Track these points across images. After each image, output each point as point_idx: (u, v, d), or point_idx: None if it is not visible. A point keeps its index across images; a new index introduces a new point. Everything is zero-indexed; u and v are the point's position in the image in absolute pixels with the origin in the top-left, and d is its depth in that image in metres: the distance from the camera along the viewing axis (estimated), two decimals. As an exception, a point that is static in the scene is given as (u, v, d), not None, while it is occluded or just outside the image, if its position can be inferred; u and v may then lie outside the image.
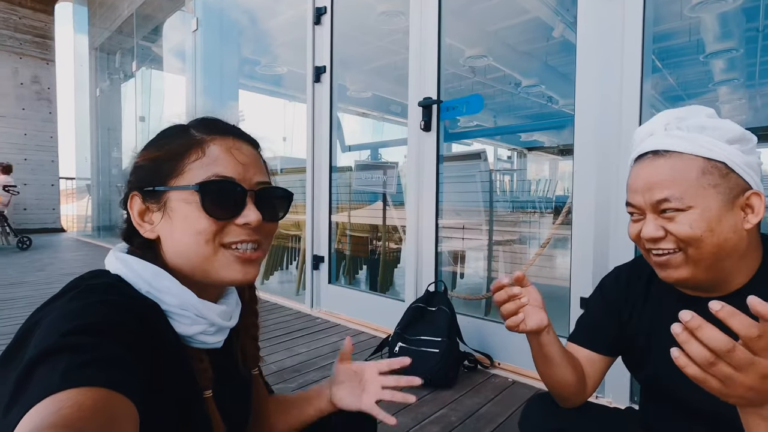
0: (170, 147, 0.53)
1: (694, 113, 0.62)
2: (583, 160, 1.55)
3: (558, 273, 2.86)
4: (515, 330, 0.67)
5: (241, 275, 0.53)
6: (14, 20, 7.69)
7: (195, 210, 0.50)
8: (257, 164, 0.56)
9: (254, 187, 0.54)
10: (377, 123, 7.58)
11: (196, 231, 0.50)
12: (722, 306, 0.40)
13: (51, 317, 0.40)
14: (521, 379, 1.68)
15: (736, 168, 0.58)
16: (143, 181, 0.53)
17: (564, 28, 4.43)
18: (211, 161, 0.52)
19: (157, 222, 0.52)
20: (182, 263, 0.52)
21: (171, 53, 5.65)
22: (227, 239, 0.52)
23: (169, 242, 0.52)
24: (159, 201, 0.52)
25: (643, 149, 0.63)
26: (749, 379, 0.41)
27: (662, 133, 0.62)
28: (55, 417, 0.30)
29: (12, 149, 7.57)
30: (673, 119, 0.62)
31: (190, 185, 0.50)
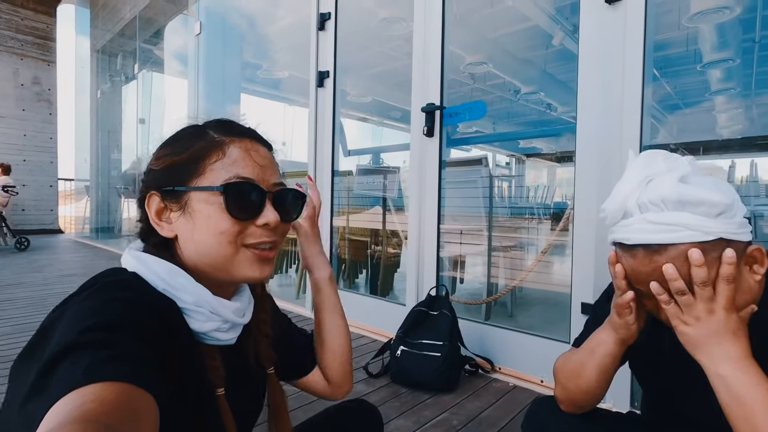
0: (190, 147, 0.54)
1: (665, 183, 0.57)
2: (585, 166, 1.57)
3: (557, 279, 2.88)
4: None
5: (258, 273, 0.54)
6: (16, 21, 7.70)
7: (218, 211, 0.51)
8: (273, 166, 0.58)
9: (272, 188, 0.55)
10: (377, 128, 7.61)
11: (220, 231, 0.51)
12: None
13: (69, 314, 0.41)
14: (522, 383, 1.69)
15: (733, 237, 0.56)
16: (163, 180, 0.54)
17: (563, 37, 4.48)
18: (231, 162, 0.53)
19: (175, 221, 0.53)
20: (202, 262, 0.53)
21: (172, 56, 5.67)
22: (248, 240, 0.53)
23: (189, 241, 0.53)
24: (179, 201, 0.53)
25: (627, 239, 0.59)
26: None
27: (639, 216, 0.58)
28: (79, 411, 0.30)
29: (11, 150, 7.55)
30: (646, 196, 0.58)
31: (213, 186, 0.51)
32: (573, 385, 0.73)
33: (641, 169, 0.60)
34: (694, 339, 0.57)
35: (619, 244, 0.62)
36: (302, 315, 2.66)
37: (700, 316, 0.56)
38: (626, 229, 0.59)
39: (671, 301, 0.58)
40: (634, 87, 1.45)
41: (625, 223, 0.59)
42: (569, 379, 0.74)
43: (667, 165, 0.58)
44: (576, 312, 1.59)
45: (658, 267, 0.56)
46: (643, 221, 0.57)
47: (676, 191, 0.55)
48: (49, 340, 0.39)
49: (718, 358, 0.55)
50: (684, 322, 0.58)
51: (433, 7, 2.07)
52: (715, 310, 0.56)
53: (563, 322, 1.66)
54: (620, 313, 0.65)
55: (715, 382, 0.55)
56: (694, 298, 0.56)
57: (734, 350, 0.55)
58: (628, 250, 0.60)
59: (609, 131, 1.51)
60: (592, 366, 0.70)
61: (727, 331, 0.55)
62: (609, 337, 0.68)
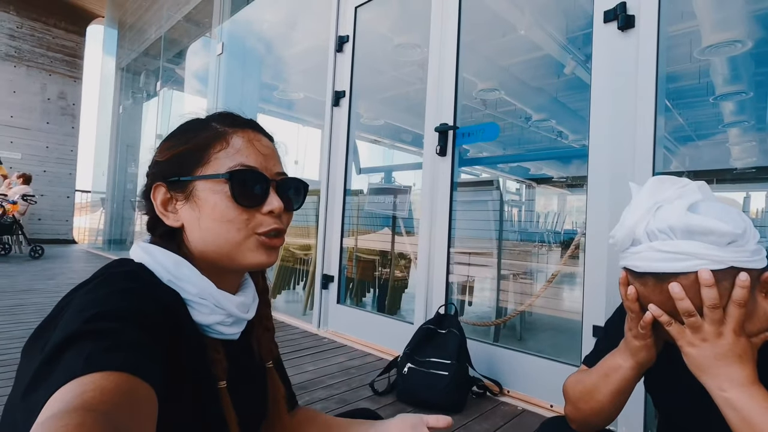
0: (195, 138, 0.55)
1: (673, 211, 0.56)
2: (597, 193, 1.58)
3: (567, 305, 2.84)
4: None
5: (265, 258, 0.55)
6: (47, 39, 8.08)
7: (224, 199, 0.52)
8: (275, 155, 0.59)
9: (275, 177, 0.56)
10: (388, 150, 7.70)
11: (227, 219, 0.52)
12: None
13: (76, 303, 0.42)
14: (531, 408, 1.65)
15: (745, 265, 0.54)
16: (168, 171, 0.55)
17: (575, 66, 4.55)
18: (235, 151, 0.54)
19: (181, 210, 0.54)
20: (209, 250, 0.54)
21: (193, 76, 5.86)
22: (257, 229, 0.54)
23: (196, 230, 0.54)
24: (185, 190, 0.54)
25: (636, 266, 0.58)
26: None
27: (647, 244, 0.57)
28: (78, 400, 0.31)
29: (33, 161, 7.78)
30: (655, 224, 0.56)
31: (219, 174, 0.53)
32: (586, 407, 0.72)
33: (650, 195, 0.59)
34: (699, 361, 0.56)
35: (629, 270, 0.61)
36: (308, 331, 2.64)
37: (707, 338, 0.55)
38: (635, 257, 0.58)
39: (672, 322, 0.58)
40: (646, 115, 1.46)
41: (634, 251, 0.59)
42: (581, 400, 0.72)
43: (675, 192, 0.58)
44: (587, 335, 1.56)
45: (669, 293, 0.56)
46: (651, 249, 0.56)
47: (685, 220, 0.54)
48: (56, 327, 0.40)
49: (724, 381, 0.54)
50: (690, 344, 0.57)
51: (449, 28, 2.13)
52: (724, 332, 0.55)
53: (573, 347, 1.63)
54: (638, 336, 0.63)
55: (722, 405, 0.54)
56: (702, 320, 0.55)
57: (741, 374, 0.54)
58: (638, 277, 0.60)
59: (621, 159, 1.51)
60: (606, 390, 0.68)
61: (734, 355, 0.55)
62: (626, 362, 0.66)
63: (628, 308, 0.63)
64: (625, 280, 0.63)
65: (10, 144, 7.61)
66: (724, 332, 0.55)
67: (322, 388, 1.74)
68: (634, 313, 0.63)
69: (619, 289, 0.64)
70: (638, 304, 0.62)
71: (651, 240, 0.57)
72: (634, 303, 0.62)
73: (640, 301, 0.61)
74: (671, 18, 3.36)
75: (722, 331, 0.55)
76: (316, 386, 1.75)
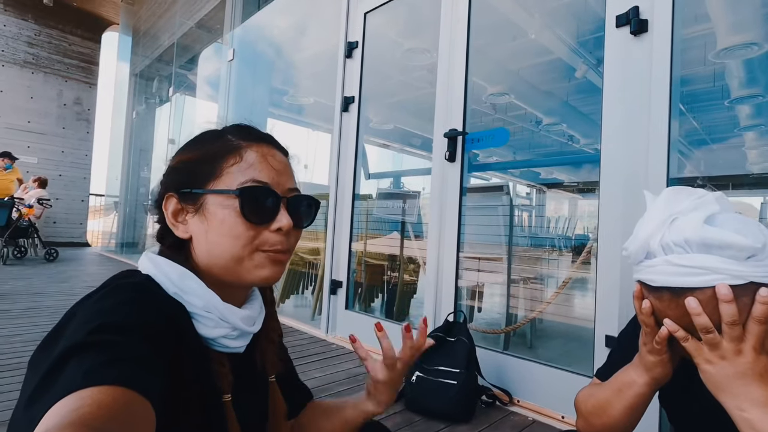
0: (208, 151, 0.55)
1: (689, 224, 0.54)
2: (609, 199, 1.55)
3: (578, 312, 2.79)
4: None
5: (269, 273, 0.54)
6: (64, 46, 8.26)
7: (232, 214, 0.52)
8: (288, 171, 0.58)
9: (286, 193, 0.56)
10: (397, 155, 7.71)
11: (234, 235, 0.52)
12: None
13: (82, 314, 0.42)
14: (541, 418, 1.61)
15: (765, 280, 0.52)
16: (180, 182, 0.55)
17: (587, 70, 4.51)
18: (248, 166, 0.53)
19: (191, 222, 0.54)
20: (214, 264, 0.53)
21: (204, 81, 5.94)
22: (263, 246, 0.53)
23: (203, 243, 0.53)
24: (196, 203, 0.54)
25: (651, 280, 0.57)
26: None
27: (662, 258, 0.55)
28: (74, 415, 0.31)
29: (49, 165, 7.94)
30: (670, 237, 0.55)
31: (230, 189, 0.52)
32: (599, 422, 0.70)
33: (664, 207, 0.58)
34: (717, 379, 0.54)
35: (644, 284, 0.60)
36: (317, 336, 2.64)
37: (725, 356, 0.54)
38: (650, 270, 0.57)
39: (688, 338, 0.56)
40: (660, 120, 1.44)
41: (649, 264, 0.57)
42: (593, 415, 0.70)
43: (691, 203, 0.56)
44: (600, 345, 1.53)
45: (687, 311, 0.54)
46: (666, 263, 0.54)
47: (701, 233, 0.52)
48: (63, 337, 0.40)
49: (743, 401, 0.52)
50: (708, 361, 0.55)
51: (458, 33, 2.13)
52: (743, 350, 0.53)
53: (585, 356, 1.60)
54: (653, 352, 0.61)
55: (741, 425, 0.52)
56: (720, 337, 0.53)
57: (762, 394, 0.52)
58: (653, 291, 0.58)
59: (634, 164, 1.49)
60: (619, 406, 0.66)
61: (754, 373, 0.53)
62: (640, 377, 0.64)
63: (643, 322, 0.61)
64: (639, 294, 0.61)
65: (27, 148, 7.78)
66: (744, 350, 0.53)
67: (329, 395, 1.73)
68: (649, 328, 0.61)
69: (633, 303, 0.63)
70: (653, 318, 0.60)
71: (666, 253, 0.55)
72: (649, 317, 0.60)
73: (656, 316, 0.60)
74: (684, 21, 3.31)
75: (742, 349, 0.53)
76: (323, 393, 1.74)
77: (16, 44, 7.77)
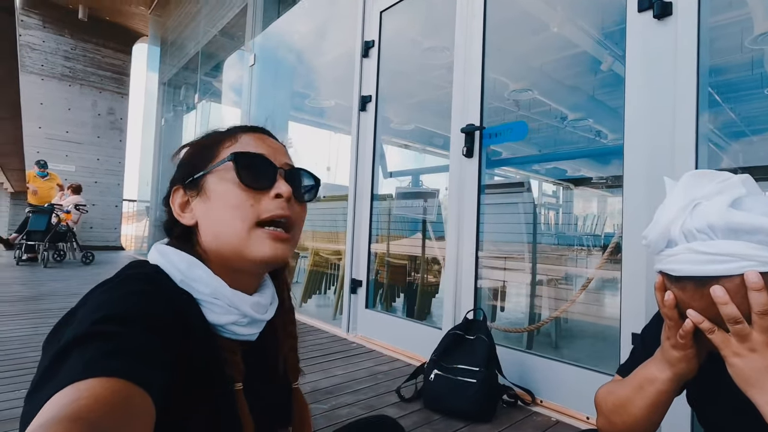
0: (206, 140, 0.59)
1: (713, 208, 0.51)
2: (634, 193, 1.49)
3: (606, 311, 2.70)
4: None
5: (271, 251, 0.53)
6: (98, 59, 8.66)
7: (231, 185, 0.53)
8: (285, 152, 0.60)
9: (284, 166, 0.57)
10: (419, 155, 7.68)
11: (233, 205, 0.52)
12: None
13: (90, 303, 0.43)
14: (566, 419, 1.56)
15: None
16: (184, 174, 0.57)
17: (612, 62, 4.36)
18: (242, 146, 0.56)
19: (196, 207, 0.55)
20: (218, 244, 0.54)
21: (229, 88, 6.09)
22: (262, 215, 0.53)
23: (207, 224, 0.54)
24: (198, 187, 0.55)
25: (673, 270, 0.53)
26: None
27: (684, 245, 0.52)
28: (71, 408, 0.31)
29: (85, 172, 8.33)
30: (692, 223, 0.51)
31: (224, 159, 0.54)
32: (619, 420, 0.66)
33: (685, 191, 0.54)
34: (747, 373, 0.51)
35: (666, 274, 0.56)
36: (338, 335, 2.65)
37: (755, 348, 0.50)
38: (672, 259, 0.53)
39: (715, 329, 0.52)
40: (686, 110, 1.36)
41: (670, 253, 0.54)
42: (614, 413, 0.67)
43: (715, 187, 0.52)
44: (626, 344, 1.47)
45: (713, 301, 0.50)
46: (689, 251, 0.51)
47: (727, 218, 0.49)
48: (71, 325, 0.41)
49: None
50: (736, 354, 0.51)
51: (474, 26, 2.10)
52: None
53: (612, 356, 1.54)
54: (677, 346, 0.58)
55: None
56: (750, 328, 0.50)
57: None
58: (676, 281, 0.55)
59: (659, 158, 1.42)
60: (641, 404, 0.63)
61: None
62: (662, 373, 0.61)
63: (666, 315, 0.58)
64: (661, 285, 0.58)
65: (65, 157, 8.18)
66: None
67: (348, 393, 1.73)
68: (673, 321, 0.57)
69: (655, 295, 0.59)
70: (676, 310, 0.56)
71: (689, 240, 0.52)
72: (672, 310, 0.56)
73: (679, 308, 0.56)
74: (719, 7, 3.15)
75: None
76: (343, 391, 1.75)
77: (54, 59, 8.20)
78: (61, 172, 7.62)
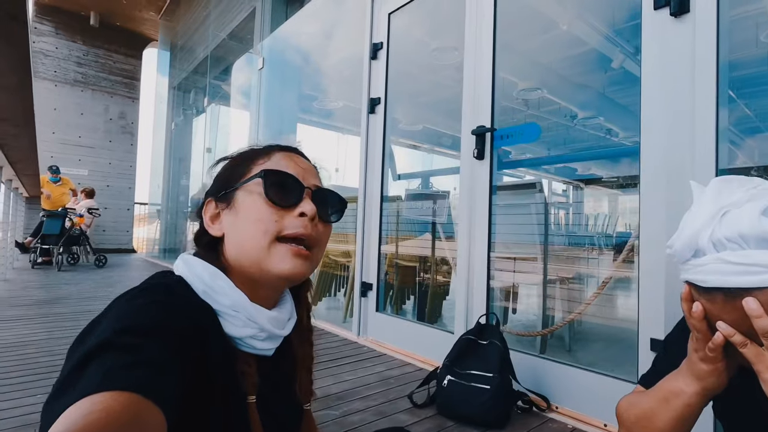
0: (241, 156, 0.60)
1: (744, 216, 0.48)
2: (651, 193, 1.45)
3: (621, 313, 2.65)
4: None
5: (290, 266, 0.53)
6: (109, 64, 8.77)
7: (258, 199, 0.54)
8: (315, 173, 0.61)
9: (312, 186, 0.58)
10: (427, 155, 7.65)
11: (258, 219, 0.53)
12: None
13: (112, 312, 0.43)
14: (582, 426, 1.53)
15: None
16: (218, 188, 0.59)
17: (624, 59, 4.30)
18: (274, 163, 0.57)
19: (224, 219, 0.57)
20: (240, 256, 0.54)
21: (238, 91, 6.13)
22: (284, 231, 0.53)
23: (232, 236, 0.55)
24: (229, 200, 0.57)
25: (702, 281, 0.51)
26: None
27: (714, 255, 0.49)
28: (83, 422, 0.31)
29: (98, 177, 8.45)
30: (721, 232, 0.49)
31: (255, 175, 0.55)
32: None
33: (714, 199, 0.52)
34: None
35: (693, 285, 0.53)
36: (348, 339, 2.64)
37: None
38: (700, 270, 0.51)
39: (747, 343, 0.50)
40: (706, 108, 1.32)
41: (698, 263, 0.51)
42: (636, 426, 0.64)
43: (746, 193, 0.50)
44: (644, 349, 1.43)
45: (745, 314, 0.48)
46: (719, 261, 0.49)
47: (760, 226, 0.47)
48: (94, 333, 0.41)
49: None
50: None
51: (483, 27, 2.07)
52: None
53: (629, 361, 1.50)
54: (706, 360, 0.55)
55: None
56: None
57: None
58: (705, 293, 0.52)
59: (678, 157, 1.38)
60: (665, 417, 0.60)
61: None
62: (689, 386, 0.58)
63: (694, 327, 0.55)
64: (688, 296, 0.55)
65: (78, 162, 8.30)
66: None
67: (359, 399, 1.71)
68: (701, 333, 0.54)
69: (682, 306, 0.56)
70: (705, 322, 0.54)
71: (718, 250, 0.49)
72: (700, 321, 0.54)
73: (708, 319, 0.54)
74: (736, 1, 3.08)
75: None
76: (354, 397, 1.73)
77: (67, 65, 8.32)
78: (75, 176, 7.73)
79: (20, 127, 2.04)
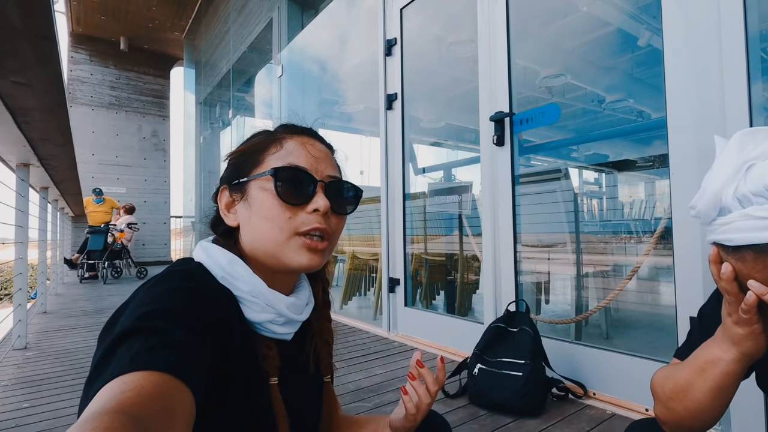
0: (253, 144, 0.59)
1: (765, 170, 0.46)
2: (682, 172, 1.39)
3: (662, 299, 2.53)
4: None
5: (306, 260, 0.54)
6: (140, 86, 9.21)
7: (270, 197, 0.54)
8: (329, 160, 0.60)
9: (325, 179, 0.57)
10: (451, 152, 7.59)
11: (271, 217, 0.54)
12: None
13: (136, 299, 0.45)
14: (622, 411, 1.48)
15: None
16: (231, 176, 0.59)
17: (650, 36, 4.12)
18: (286, 153, 0.56)
19: (239, 211, 0.57)
20: (256, 248, 0.55)
21: (261, 101, 6.28)
22: (300, 228, 0.54)
23: (247, 228, 0.56)
24: (242, 191, 0.57)
25: (729, 240, 0.49)
26: None
27: (740, 212, 0.47)
28: (116, 401, 0.32)
29: (135, 193, 8.87)
30: (746, 187, 0.47)
31: (265, 172, 0.55)
32: (680, 407, 0.60)
33: (737, 153, 0.49)
34: None
35: (721, 245, 0.51)
36: (379, 335, 2.65)
37: None
38: (726, 228, 0.49)
39: None
40: (736, 79, 1.24)
41: (724, 221, 0.49)
42: (673, 399, 0.61)
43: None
44: (683, 329, 1.37)
45: None
46: (746, 217, 0.46)
47: None
48: (119, 321, 0.43)
49: None
50: None
51: (496, 10, 2.04)
52: None
53: (670, 345, 1.44)
54: (741, 322, 0.52)
55: None
56: None
57: None
58: (733, 252, 0.49)
59: (709, 132, 1.31)
60: (703, 388, 0.57)
61: None
62: (726, 353, 0.55)
63: (724, 290, 0.53)
64: (716, 257, 0.53)
65: (116, 180, 8.75)
66: None
67: (392, 390, 1.72)
68: (732, 295, 0.52)
69: (710, 269, 0.54)
70: (736, 283, 0.51)
71: (744, 206, 0.47)
72: (730, 283, 0.51)
73: (739, 280, 0.51)
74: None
75: None
76: (386, 389, 1.74)
77: (101, 89, 8.80)
78: (114, 194, 8.14)
79: (60, 147, 2.17)
